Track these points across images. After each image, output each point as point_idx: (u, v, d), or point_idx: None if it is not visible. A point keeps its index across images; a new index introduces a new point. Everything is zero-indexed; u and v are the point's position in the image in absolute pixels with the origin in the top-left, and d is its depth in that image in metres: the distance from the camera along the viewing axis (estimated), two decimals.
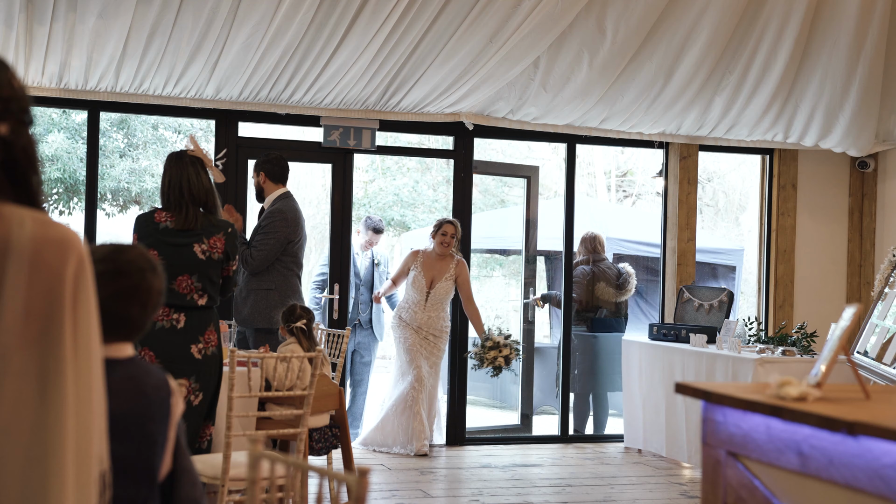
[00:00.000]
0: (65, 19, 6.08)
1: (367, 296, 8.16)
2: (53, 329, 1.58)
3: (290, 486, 2.26)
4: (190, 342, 4.42)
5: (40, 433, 1.56)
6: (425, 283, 7.50)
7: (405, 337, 7.50)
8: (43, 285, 1.58)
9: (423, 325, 7.49)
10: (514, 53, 6.82)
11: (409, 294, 7.60)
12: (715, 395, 2.65)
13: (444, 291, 7.52)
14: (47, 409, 1.56)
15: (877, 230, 8.51)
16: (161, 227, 4.46)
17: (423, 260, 7.58)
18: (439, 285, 7.50)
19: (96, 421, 1.65)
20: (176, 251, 4.47)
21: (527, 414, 8.18)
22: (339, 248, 7.65)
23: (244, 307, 6.13)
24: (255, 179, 6.40)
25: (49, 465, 1.56)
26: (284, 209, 6.22)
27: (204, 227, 4.50)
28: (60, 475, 1.56)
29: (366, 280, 8.21)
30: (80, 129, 12.24)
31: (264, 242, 6.11)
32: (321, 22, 6.30)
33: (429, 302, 7.49)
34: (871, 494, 2.15)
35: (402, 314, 7.58)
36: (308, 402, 4.60)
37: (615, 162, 16.45)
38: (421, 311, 7.48)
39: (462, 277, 7.58)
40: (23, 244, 1.57)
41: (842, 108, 7.61)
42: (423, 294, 7.51)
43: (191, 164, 4.52)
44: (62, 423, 1.57)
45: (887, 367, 5.47)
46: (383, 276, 8.26)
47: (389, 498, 6.00)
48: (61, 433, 1.57)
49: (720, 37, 6.96)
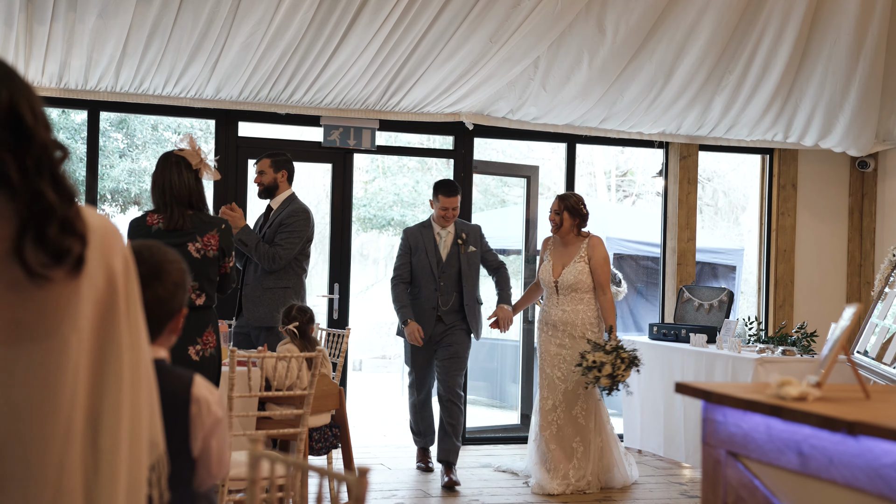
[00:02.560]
0: (65, 19, 6.08)
1: (452, 295, 6.69)
2: (113, 314, 1.59)
3: (290, 486, 2.26)
4: (188, 343, 4.38)
5: (97, 418, 1.58)
6: (552, 271, 6.47)
7: (539, 340, 6.57)
8: (107, 270, 1.59)
9: (558, 322, 6.42)
10: (514, 53, 6.82)
11: (542, 286, 6.60)
12: (715, 395, 2.65)
13: (577, 277, 6.36)
14: (104, 393, 1.58)
15: (877, 230, 8.51)
16: (153, 230, 4.45)
17: (552, 244, 6.58)
18: (568, 271, 6.38)
19: (146, 407, 1.66)
20: None
21: (527, 414, 8.17)
22: (339, 248, 7.65)
23: (259, 306, 6.01)
24: (268, 176, 6.17)
25: (102, 448, 1.58)
26: (306, 208, 6.18)
27: (196, 226, 4.47)
28: (113, 460, 1.58)
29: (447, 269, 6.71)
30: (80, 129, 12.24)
31: (290, 241, 6.04)
32: (321, 22, 6.30)
33: (560, 293, 6.41)
34: (871, 494, 2.15)
35: (541, 312, 6.62)
36: (308, 402, 4.60)
37: (615, 162, 16.45)
38: (554, 305, 6.46)
39: (596, 259, 6.39)
40: (95, 227, 1.60)
41: (842, 108, 7.61)
42: (550, 285, 6.46)
43: (175, 164, 4.48)
44: (118, 407, 1.59)
45: (887, 367, 5.47)
46: (472, 262, 6.75)
47: (389, 498, 6.00)
48: (116, 417, 1.58)
49: (720, 37, 6.96)
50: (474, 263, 6.72)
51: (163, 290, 2.23)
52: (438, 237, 6.70)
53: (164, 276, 2.22)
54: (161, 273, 2.22)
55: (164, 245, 2.30)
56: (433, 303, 6.60)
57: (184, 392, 2.25)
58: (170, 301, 2.25)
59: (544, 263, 6.49)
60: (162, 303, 2.23)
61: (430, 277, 6.62)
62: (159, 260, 2.23)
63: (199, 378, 2.29)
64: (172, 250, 2.31)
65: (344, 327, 7.04)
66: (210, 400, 2.26)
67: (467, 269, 6.66)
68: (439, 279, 6.62)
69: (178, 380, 2.27)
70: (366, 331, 15.39)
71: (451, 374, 6.65)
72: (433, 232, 6.71)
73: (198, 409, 2.25)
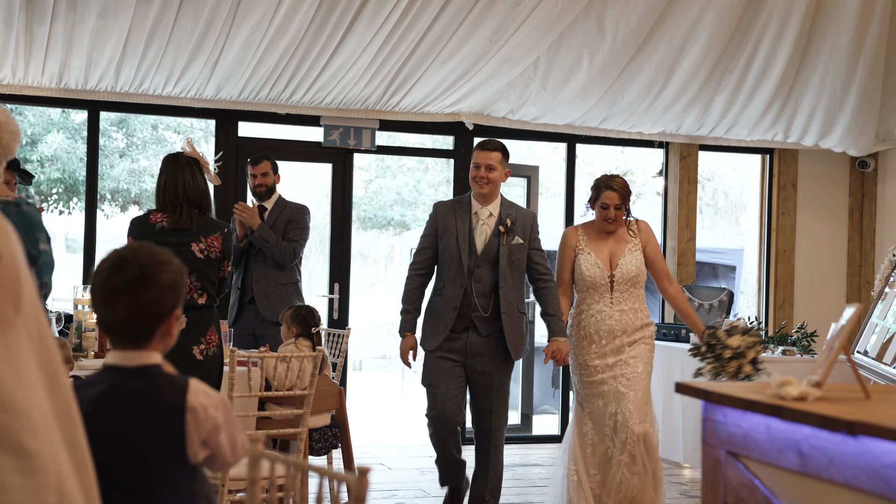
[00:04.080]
0: (65, 19, 6.08)
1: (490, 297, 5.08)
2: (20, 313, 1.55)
3: (290, 486, 2.26)
4: (192, 343, 4.41)
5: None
6: (603, 265, 5.15)
7: (581, 360, 5.16)
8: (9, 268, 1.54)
9: (616, 328, 5.09)
10: (514, 53, 6.82)
11: (583, 286, 5.20)
12: (715, 395, 2.65)
13: (639, 268, 5.17)
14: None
15: (877, 230, 8.51)
16: (157, 228, 4.46)
17: (584, 234, 5.27)
18: (625, 262, 5.15)
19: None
20: (174, 251, 4.46)
21: (527, 414, 8.18)
22: (340, 248, 7.65)
23: (274, 301, 6.13)
24: (271, 177, 6.36)
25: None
26: (306, 206, 6.43)
27: (201, 227, 4.51)
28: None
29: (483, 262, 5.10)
30: (80, 129, 12.24)
31: (302, 236, 6.29)
32: (321, 22, 6.30)
33: (616, 290, 5.14)
34: (871, 494, 2.15)
35: (580, 319, 5.20)
36: (308, 402, 4.60)
37: (615, 162, 16.44)
38: (607, 306, 5.14)
39: (653, 245, 5.25)
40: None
41: (842, 108, 7.61)
42: (603, 282, 5.13)
43: (187, 165, 4.52)
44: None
45: (887, 367, 5.47)
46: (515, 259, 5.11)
47: (389, 498, 6.00)
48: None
49: (720, 37, 6.96)
50: (517, 260, 5.08)
51: (148, 294, 2.18)
52: (476, 218, 5.09)
53: (149, 280, 2.18)
54: (145, 277, 2.18)
55: (155, 247, 2.26)
56: (455, 303, 5.02)
57: (179, 400, 2.20)
58: (157, 305, 2.20)
59: (583, 258, 5.15)
60: (148, 307, 2.19)
61: (458, 271, 5.03)
62: (144, 263, 2.19)
63: (194, 383, 2.25)
64: (165, 252, 2.27)
65: (344, 327, 7.05)
66: (206, 405, 2.22)
67: (507, 266, 5.03)
68: (471, 275, 5.01)
69: (172, 387, 2.23)
70: (366, 331, 15.39)
71: (492, 407, 5.08)
72: (470, 211, 5.12)
73: (193, 417, 2.20)
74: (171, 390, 2.22)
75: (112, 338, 2.25)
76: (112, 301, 2.19)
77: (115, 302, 2.19)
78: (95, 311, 2.23)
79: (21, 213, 3.36)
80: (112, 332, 2.23)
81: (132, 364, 2.23)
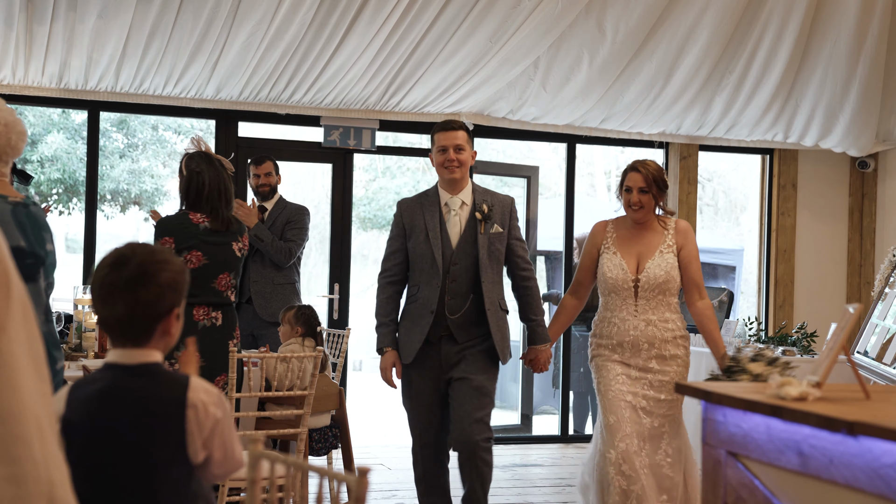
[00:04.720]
0: (65, 19, 6.08)
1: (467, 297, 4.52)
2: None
3: (290, 486, 2.26)
4: (227, 339, 4.51)
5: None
6: (627, 267, 4.60)
7: (603, 372, 4.60)
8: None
9: (640, 339, 4.53)
10: (514, 53, 6.82)
11: (605, 289, 4.68)
12: (715, 395, 2.65)
13: (669, 273, 4.58)
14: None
15: (877, 230, 8.51)
16: (202, 228, 4.48)
17: (614, 230, 4.74)
18: (653, 265, 4.58)
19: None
20: (219, 250, 4.53)
21: (527, 414, 8.17)
22: (340, 248, 7.65)
23: (272, 301, 6.18)
24: (274, 177, 6.43)
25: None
26: (305, 207, 6.46)
27: (237, 227, 4.62)
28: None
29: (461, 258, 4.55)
30: (80, 129, 12.24)
31: (300, 236, 6.31)
32: (321, 22, 6.31)
33: (641, 297, 4.59)
34: (871, 494, 2.15)
35: (601, 327, 4.68)
36: (308, 402, 4.60)
37: (615, 162, 16.45)
38: (631, 315, 4.58)
39: (689, 250, 4.67)
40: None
41: (842, 108, 7.61)
42: (626, 286, 4.59)
43: (221, 166, 4.58)
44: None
45: (887, 367, 5.47)
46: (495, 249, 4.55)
47: (389, 498, 6.00)
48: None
49: (720, 37, 6.96)
50: (497, 251, 4.52)
51: (147, 293, 2.18)
52: (447, 210, 4.55)
53: (149, 279, 2.19)
54: (145, 275, 2.18)
55: (155, 246, 2.26)
56: (432, 306, 4.46)
57: (179, 397, 2.20)
58: (156, 303, 2.20)
59: (607, 257, 4.62)
60: (147, 305, 2.19)
61: (432, 271, 4.47)
62: (143, 261, 2.19)
63: (195, 380, 2.25)
64: (165, 251, 2.26)
65: (344, 327, 7.05)
66: (207, 402, 2.22)
67: (487, 259, 4.48)
68: (447, 273, 4.47)
69: (173, 384, 2.23)
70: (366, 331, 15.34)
71: (472, 413, 4.47)
72: (439, 203, 4.57)
73: (194, 413, 2.20)
74: (171, 387, 2.23)
75: (112, 336, 2.25)
76: (111, 299, 2.19)
77: (114, 300, 2.19)
78: (95, 310, 2.23)
79: (30, 213, 3.40)
80: (112, 330, 2.24)
81: (132, 362, 2.23)
